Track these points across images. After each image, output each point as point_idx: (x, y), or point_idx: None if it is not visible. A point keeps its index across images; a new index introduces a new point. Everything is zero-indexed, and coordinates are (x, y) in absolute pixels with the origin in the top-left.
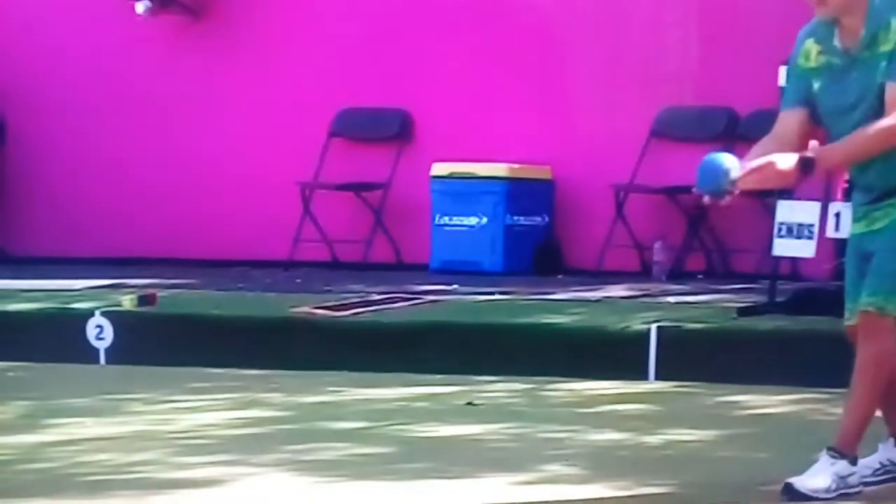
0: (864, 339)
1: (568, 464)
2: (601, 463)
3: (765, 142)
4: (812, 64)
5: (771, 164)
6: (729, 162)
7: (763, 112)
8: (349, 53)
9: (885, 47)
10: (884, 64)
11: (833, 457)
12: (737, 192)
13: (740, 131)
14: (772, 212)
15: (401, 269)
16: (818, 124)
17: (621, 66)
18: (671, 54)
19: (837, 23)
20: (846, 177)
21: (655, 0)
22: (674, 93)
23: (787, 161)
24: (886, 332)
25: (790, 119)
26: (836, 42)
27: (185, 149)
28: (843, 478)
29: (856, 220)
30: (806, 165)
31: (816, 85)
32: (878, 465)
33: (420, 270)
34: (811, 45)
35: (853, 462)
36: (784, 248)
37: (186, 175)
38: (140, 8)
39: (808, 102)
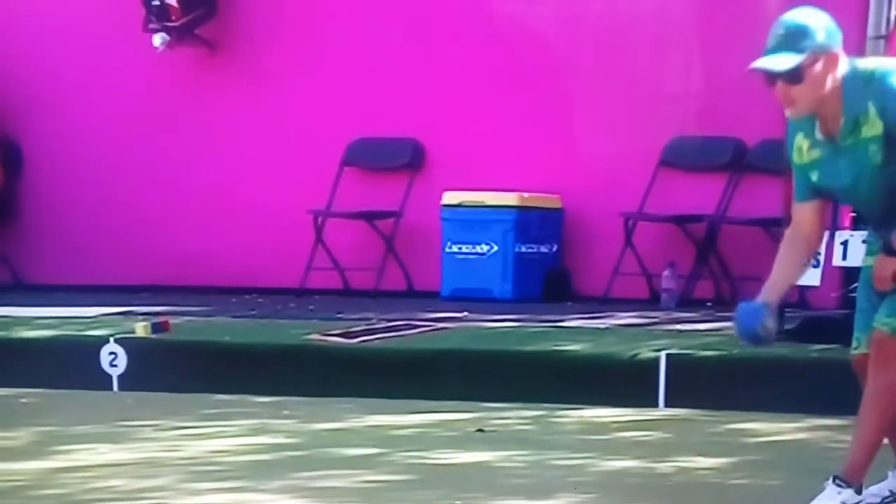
0: (877, 365)
1: (578, 491)
2: (611, 490)
3: (790, 237)
4: (805, 160)
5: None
6: (764, 311)
7: (770, 142)
8: (362, 85)
9: (871, 132)
10: (874, 147)
11: (839, 486)
12: (776, 338)
13: (748, 161)
14: (779, 240)
15: (412, 296)
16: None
17: (630, 96)
18: (679, 85)
19: (816, 113)
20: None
21: (662, 30)
22: (682, 123)
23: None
24: None
25: (806, 210)
26: (818, 134)
27: (200, 177)
28: None
29: (869, 252)
30: (891, 251)
31: (814, 176)
32: (887, 493)
33: (431, 298)
34: (801, 141)
35: (859, 491)
36: None
37: (200, 203)
38: (157, 41)
39: (816, 192)
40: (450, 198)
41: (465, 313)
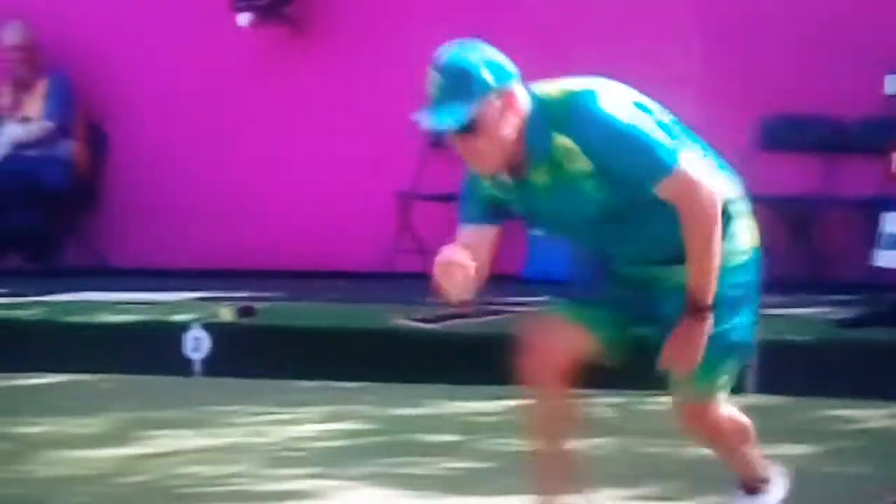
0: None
1: (666, 479)
2: (700, 478)
3: None
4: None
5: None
6: None
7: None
8: None
9: (579, 167)
10: (591, 183)
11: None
12: None
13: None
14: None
15: (496, 279)
16: None
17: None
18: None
19: (508, 162)
20: None
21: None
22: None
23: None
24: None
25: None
26: (507, 180)
27: (284, 160)
28: None
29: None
30: (700, 314)
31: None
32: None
33: (515, 281)
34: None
35: None
36: (888, 259)
37: (284, 186)
38: (243, 20)
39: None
40: None
41: (550, 297)
